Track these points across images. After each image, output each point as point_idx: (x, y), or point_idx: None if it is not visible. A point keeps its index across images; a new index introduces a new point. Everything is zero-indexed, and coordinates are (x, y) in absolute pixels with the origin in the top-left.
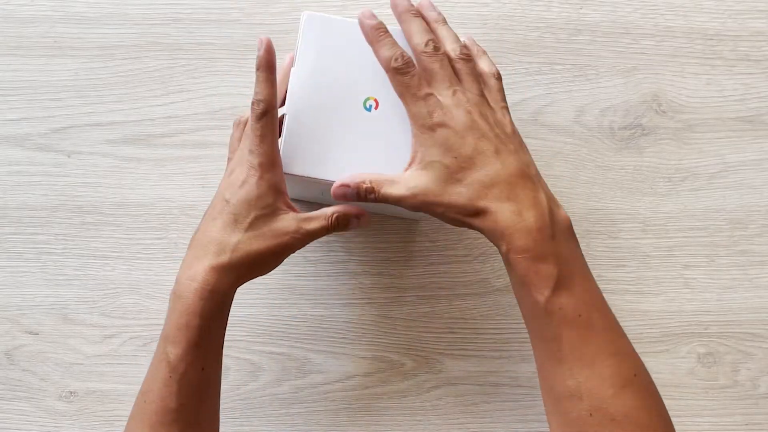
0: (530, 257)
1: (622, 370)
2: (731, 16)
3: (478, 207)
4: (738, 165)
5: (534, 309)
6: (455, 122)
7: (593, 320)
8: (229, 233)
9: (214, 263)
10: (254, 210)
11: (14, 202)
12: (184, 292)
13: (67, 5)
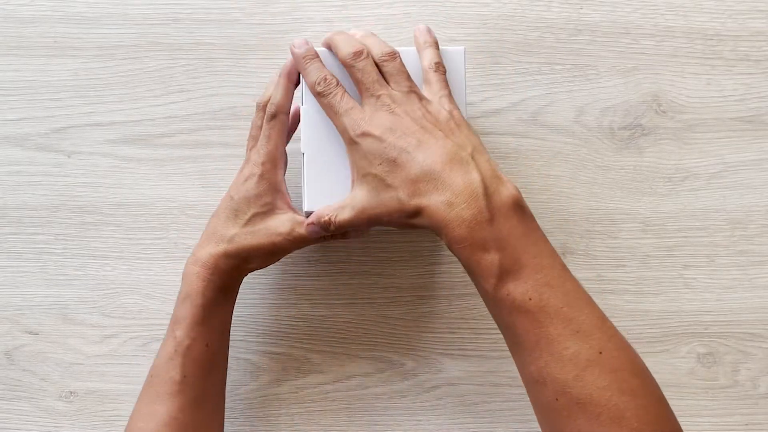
0: (468, 246)
1: (584, 350)
2: (731, 16)
3: (413, 206)
4: (738, 165)
5: (485, 298)
6: (375, 128)
7: (546, 301)
8: (229, 226)
9: (213, 251)
10: (253, 207)
11: (14, 202)
12: (188, 275)
13: (67, 5)
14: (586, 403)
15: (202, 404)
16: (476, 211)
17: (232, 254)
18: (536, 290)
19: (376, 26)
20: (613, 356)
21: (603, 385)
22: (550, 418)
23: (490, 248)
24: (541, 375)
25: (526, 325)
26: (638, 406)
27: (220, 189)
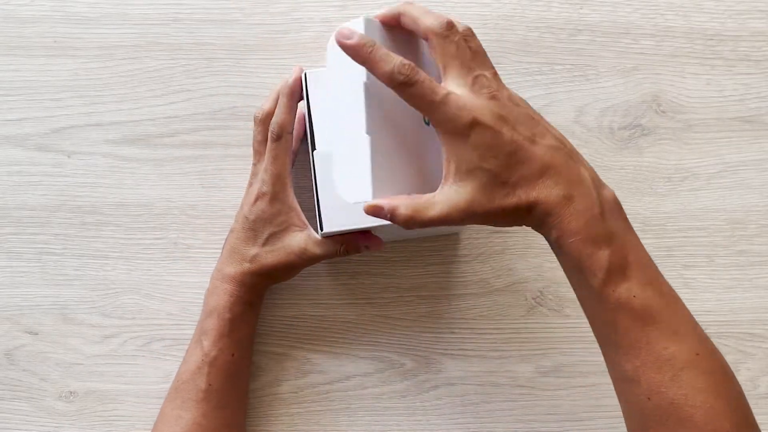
0: (582, 240)
1: (682, 351)
2: (731, 16)
3: (530, 202)
4: (738, 165)
5: (589, 294)
6: (485, 117)
7: (648, 300)
8: (249, 246)
9: (238, 270)
10: (269, 227)
11: (14, 202)
12: (215, 290)
13: (67, 5)
14: (681, 404)
15: (225, 408)
16: (590, 203)
17: (255, 272)
18: (640, 288)
19: None
20: (708, 359)
21: (699, 386)
22: (639, 417)
23: (601, 243)
24: (636, 374)
25: (628, 323)
26: (732, 410)
27: (220, 189)
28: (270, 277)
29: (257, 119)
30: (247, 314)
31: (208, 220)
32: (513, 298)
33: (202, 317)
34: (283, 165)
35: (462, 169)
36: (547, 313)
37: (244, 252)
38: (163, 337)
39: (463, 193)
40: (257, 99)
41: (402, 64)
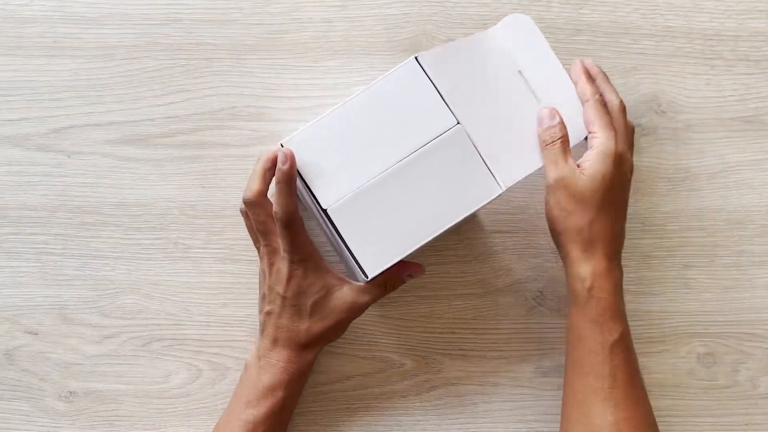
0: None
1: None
2: (731, 16)
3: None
4: (738, 165)
5: (600, 346)
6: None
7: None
8: (298, 322)
9: (294, 347)
10: (310, 297)
11: (14, 202)
12: (270, 368)
13: (67, 5)
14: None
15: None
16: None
17: (312, 343)
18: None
19: (376, 26)
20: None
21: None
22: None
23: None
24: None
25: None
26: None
27: (220, 189)
28: (324, 340)
29: (250, 202)
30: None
31: (208, 220)
32: (513, 298)
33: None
34: (303, 243)
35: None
36: (547, 313)
37: (296, 329)
38: (163, 337)
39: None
40: (257, 99)
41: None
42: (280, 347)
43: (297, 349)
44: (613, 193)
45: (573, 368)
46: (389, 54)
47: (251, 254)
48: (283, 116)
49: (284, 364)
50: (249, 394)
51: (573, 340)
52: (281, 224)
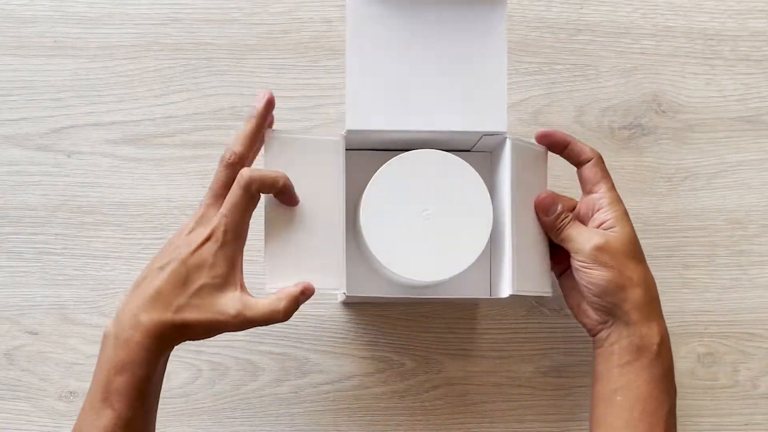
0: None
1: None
2: (731, 16)
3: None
4: (738, 165)
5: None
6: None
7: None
8: (177, 293)
9: (158, 319)
10: (204, 277)
11: (14, 202)
12: (128, 341)
13: (67, 5)
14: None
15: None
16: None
17: (177, 325)
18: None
19: None
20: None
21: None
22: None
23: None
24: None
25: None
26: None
27: None
28: (187, 333)
29: (226, 162)
30: (161, 369)
31: None
32: (513, 298)
33: (110, 371)
34: (242, 216)
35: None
36: (547, 313)
37: (168, 298)
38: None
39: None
40: None
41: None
42: (148, 316)
43: (161, 326)
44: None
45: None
46: None
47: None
48: (283, 116)
49: (142, 338)
50: (108, 370)
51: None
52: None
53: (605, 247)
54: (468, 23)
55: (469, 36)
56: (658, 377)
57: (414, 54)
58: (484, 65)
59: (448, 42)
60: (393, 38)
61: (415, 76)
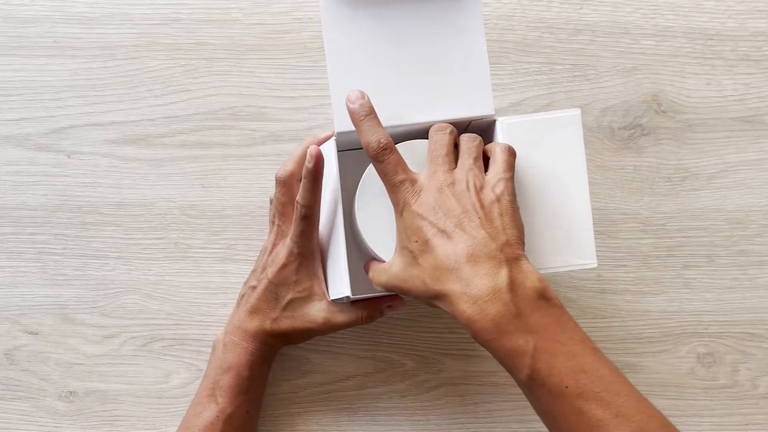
0: (496, 340)
1: (626, 431)
2: (731, 16)
3: (435, 291)
4: (738, 165)
5: (522, 387)
6: (420, 205)
7: (582, 386)
8: (271, 308)
9: (260, 329)
10: (291, 292)
11: (14, 202)
12: (234, 345)
13: (67, 5)
14: None
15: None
16: (501, 306)
17: (275, 333)
18: (571, 377)
19: None
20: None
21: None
22: None
23: (519, 340)
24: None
25: (566, 411)
26: None
27: (220, 189)
28: (286, 339)
29: (280, 180)
30: (264, 372)
31: (208, 220)
32: None
33: (217, 372)
34: (310, 239)
35: (399, 244)
36: None
37: (266, 312)
38: (163, 337)
39: (396, 266)
40: (257, 99)
41: (378, 140)
42: (246, 328)
43: (261, 335)
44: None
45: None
46: None
47: (251, 254)
48: (283, 116)
49: (247, 345)
50: (216, 370)
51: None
52: (297, 213)
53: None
54: (443, 14)
55: (445, 27)
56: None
57: (393, 51)
58: (464, 53)
59: (426, 35)
60: (370, 38)
61: (396, 72)
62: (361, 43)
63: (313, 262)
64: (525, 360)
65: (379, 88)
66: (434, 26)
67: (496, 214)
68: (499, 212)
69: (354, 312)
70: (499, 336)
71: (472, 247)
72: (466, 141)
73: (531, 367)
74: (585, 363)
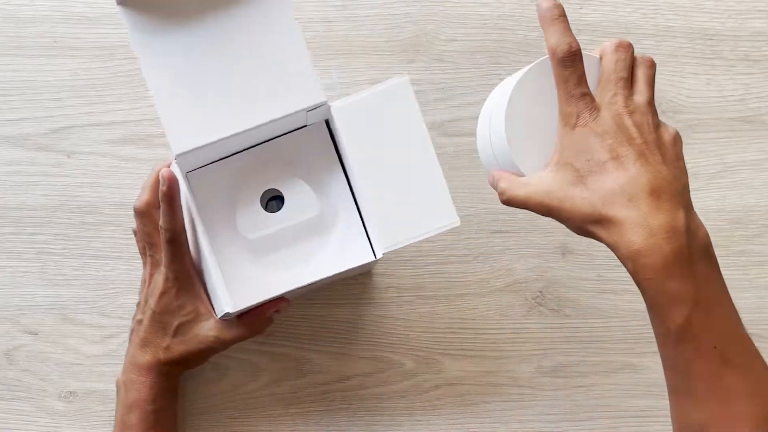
0: (661, 279)
1: (759, 411)
2: (731, 16)
3: (603, 215)
4: (738, 165)
5: (665, 336)
6: (599, 124)
7: (729, 354)
8: (161, 337)
9: (154, 360)
10: (177, 318)
11: (14, 202)
12: (132, 383)
13: (67, 5)
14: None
15: None
16: (677, 246)
17: (170, 361)
18: (722, 340)
19: (376, 26)
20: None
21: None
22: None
23: (685, 286)
24: (707, 426)
25: (705, 373)
26: None
27: None
28: (184, 364)
29: (138, 211)
30: (170, 402)
31: None
32: (513, 298)
33: (123, 412)
34: (182, 262)
35: (560, 160)
36: (547, 313)
37: (156, 342)
38: None
39: (549, 182)
40: None
41: (569, 44)
42: (141, 363)
43: (156, 366)
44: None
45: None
46: (389, 54)
47: None
48: None
49: (145, 379)
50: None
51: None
52: (163, 239)
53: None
54: (253, 15)
55: (259, 28)
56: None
57: (214, 63)
58: (283, 48)
59: (243, 40)
60: (187, 55)
61: (222, 82)
62: (180, 61)
63: (191, 283)
64: (682, 309)
65: (207, 100)
66: (248, 29)
67: (675, 156)
68: (676, 155)
69: (243, 326)
70: (666, 276)
71: (657, 180)
72: (642, 67)
73: (687, 318)
74: (737, 330)
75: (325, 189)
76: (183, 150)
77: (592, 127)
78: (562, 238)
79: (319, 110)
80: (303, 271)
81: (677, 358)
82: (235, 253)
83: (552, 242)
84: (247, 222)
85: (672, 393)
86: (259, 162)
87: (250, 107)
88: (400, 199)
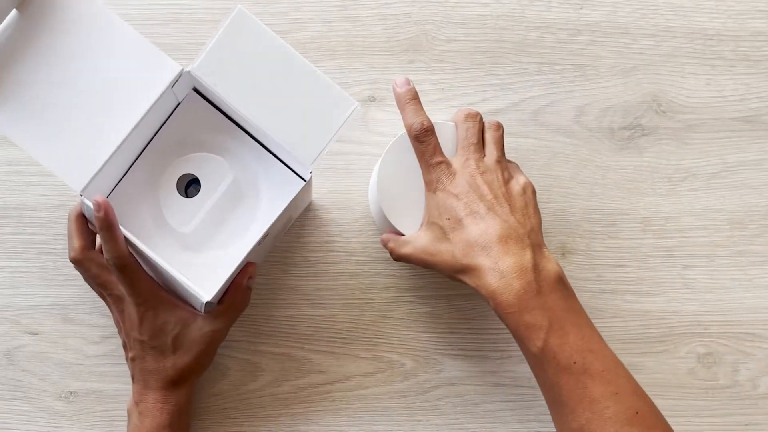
0: (517, 312)
1: (622, 409)
2: (731, 16)
3: (465, 264)
4: (738, 165)
5: (530, 359)
6: (455, 187)
7: (588, 364)
8: (163, 359)
9: (165, 382)
10: (168, 334)
11: (14, 202)
12: (150, 410)
13: None
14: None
15: None
16: (525, 282)
17: (182, 375)
18: (579, 354)
19: (376, 26)
20: (648, 416)
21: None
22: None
23: (537, 315)
24: (583, 431)
25: (570, 385)
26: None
27: None
28: (196, 372)
29: (76, 261)
30: (185, 421)
31: None
32: None
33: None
34: (144, 282)
35: (428, 220)
36: None
37: (160, 367)
38: None
39: (423, 240)
40: None
41: (422, 123)
42: (153, 390)
43: (169, 387)
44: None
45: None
46: (389, 54)
47: None
48: None
49: (161, 405)
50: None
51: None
52: (116, 270)
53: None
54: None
55: (76, 35)
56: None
57: (60, 92)
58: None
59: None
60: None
61: (78, 105)
62: (33, 108)
63: (161, 298)
64: (540, 334)
65: (78, 127)
66: (70, 43)
67: (523, 204)
68: (524, 203)
69: (229, 307)
70: (520, 309)
71: (504, 229)
72: (490, 131)
73: (545, 341)
74: (593, 344)
75: (230, 150)
76: (83, 184)
77: (450, 189)
78: (563, 238)
79: (181, 81)
80: (250, 231)
81: (546, 375)
82: (183, 250)
83: (552, 242)
84: (176, 216)
85: (550, 406)
86: (159, 156)
87: (119, 112)
88: (298, 117)
